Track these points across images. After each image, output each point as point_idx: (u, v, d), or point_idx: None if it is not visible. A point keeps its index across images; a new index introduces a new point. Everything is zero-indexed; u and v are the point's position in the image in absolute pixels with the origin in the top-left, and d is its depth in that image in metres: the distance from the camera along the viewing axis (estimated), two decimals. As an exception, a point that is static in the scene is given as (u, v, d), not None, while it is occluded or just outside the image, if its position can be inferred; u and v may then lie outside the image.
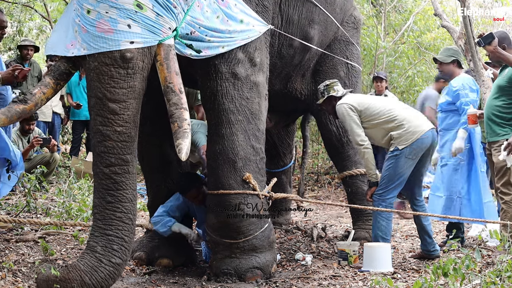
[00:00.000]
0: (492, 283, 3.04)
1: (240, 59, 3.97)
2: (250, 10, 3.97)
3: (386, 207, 4.38)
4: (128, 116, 3.18)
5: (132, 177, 3.23)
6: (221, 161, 3.96)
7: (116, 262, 3.14)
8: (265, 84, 4.21)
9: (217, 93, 3.95)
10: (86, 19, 3.18)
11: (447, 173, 4.88)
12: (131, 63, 3.17)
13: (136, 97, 3.22)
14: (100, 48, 3.14)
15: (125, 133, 3.17)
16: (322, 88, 4.66)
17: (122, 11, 3.15)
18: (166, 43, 3.34)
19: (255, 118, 4.05)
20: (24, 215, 5.18)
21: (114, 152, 3.16)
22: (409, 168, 4.37)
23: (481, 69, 5.57)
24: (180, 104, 3.23)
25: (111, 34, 3.14)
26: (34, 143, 6.32)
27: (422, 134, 4.34)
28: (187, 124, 3.19)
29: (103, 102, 3.15)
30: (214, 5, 3.75)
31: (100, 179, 3.19)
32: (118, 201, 3.17)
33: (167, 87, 3.26)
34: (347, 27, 5.32)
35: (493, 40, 4.08)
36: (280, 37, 4.51)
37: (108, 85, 3.14)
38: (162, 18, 3.29)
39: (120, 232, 3.16)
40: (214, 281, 3.98)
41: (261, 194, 4.04)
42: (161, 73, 3.31)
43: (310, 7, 4.70)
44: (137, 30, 3.20)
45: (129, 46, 3.16)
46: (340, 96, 4.60)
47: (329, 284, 3.87)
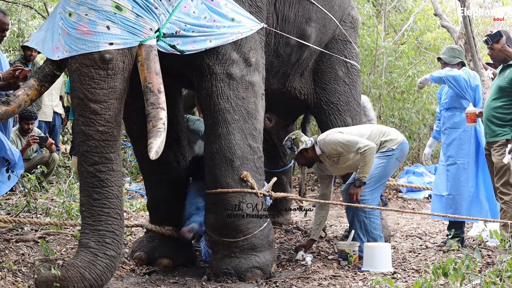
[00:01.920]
0: (492, 283, 3.04)
1: (235, 59, 3.98)
2: (242, 9, 3.97)
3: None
4: (109, 116, 3.23)
5: (117, 174, 3.30)
6: (218, 160, 3.97)
7: (111, 254, 3.21)
8: (261, 84, 4.21)
9: (212, 94, 3.96)
10: (68, 21, 3.22)
11: (456, 172, 4.86)
12: (110, 64, 3.21)
13: (118, 97, 3.27)
14: (80, 50, 3.19)
15: (107, 133, 3.23)
16: (289, 144, 4.59)
17: (101, 13, 3.19)
18: (148, 44, 3.36)
19: (251, 117, 4.06)
20: (24, 215, 5.18)
21: (97, 151, 3.23)
22: (393, 170, 4.54)
23: (481, 69, 5.57)
24: (157, 103, 3.25)
25: (91, 36, 3.19)
26: (30, 142, 6.32)
27: (403, 140, 4.61)
28: (162, 123, 3.20)
29: (84, 102, 3.21)
30: (201, 6, 3.75)
31: (86, 177, 3.26)
32: (105, 198, 3.24)
33: (146, 87, 3.29)
34: (345, 26, 5.31)
35: (501, 38, 4.09)
36: (276, 35, 4.50)
37: (89, 86, 3.20)
38: (143, 19, 3.31)
39: (110, 226, 3.23)
40: (214, 281, 3.98)
41: (260, 193, 4.05)
42: (142, 74, 3.34)
43: (306, 5, 4.68)
44: (117, 31, 3.23)
45: (108, 47, 3.20)
46: (312, 146, 4.57)
47: (329, 284, 3.87)
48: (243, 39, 4.01)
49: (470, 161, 4.84)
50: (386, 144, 4.54)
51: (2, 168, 4.13)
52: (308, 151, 4.57)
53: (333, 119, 5.15)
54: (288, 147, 4.62)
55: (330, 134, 4.57)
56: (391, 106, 9.64)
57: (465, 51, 6.94)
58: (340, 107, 5.21)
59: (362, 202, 4.43)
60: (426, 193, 8.09)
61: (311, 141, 4.58)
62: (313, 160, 4.65)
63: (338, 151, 4.50)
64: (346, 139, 4.45)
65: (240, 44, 4.00)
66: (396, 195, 8.10)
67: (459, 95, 4.85)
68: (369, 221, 4.48)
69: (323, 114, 5.21)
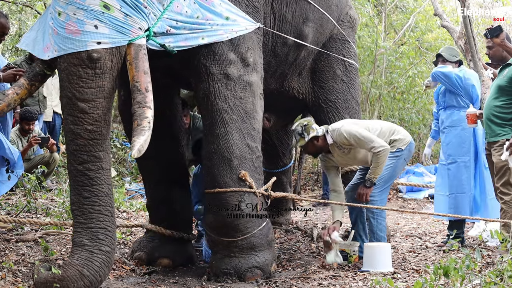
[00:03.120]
0: (493, 283, 3.04)
1: (232, 60, 3.98)
2: (237, 9, 3.96)
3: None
4: (98, 115, 3.24)
5: (106, 172, 3.31)
6: (217, 160, 3.97)
7: (106, 250, 3.23)
8: (259, 84, 4.21)
9: (209, 94, 3.96)
10: (57, 21, 3.24)
11: (457, 171, 4.86)
12: (98, 63, 3.22)
13: (106, 96, 3.28)
14: (69, 49, 3.20)
15: (95, 131, 3.24)
16: (300, 130, 4.43)
17: (89, 12, 3.20)
18: (136, 43, 3.36)
19: (249, 117, 4.05)
20: (24, 215, 5.18)
21: (86, 149, 3.24)
22: (401, 171, 4.51)
23: (481, 69, 5.56)
24: (143, 102, 3.25)
25: (78, 35, 3.20)
26: (32, 142, 6.32)
27: (411, 140, 4.59)
28: (147, 122, 3.20)
29: (72, 101, 3.22)
30: (194, 5, 3.75)
31: (75, 176, 3.27)
32: (95, 196, 3.25)
33: (134, 86, 3.29)
34: (343, 25, 5.31)
35: (501, 33, 4.08)
36: (274, 35, 4.50)
37: (77, 85, 3.21)
38: (131, 19, 3.32)
39: (102, 223, 3.25)
40: (214, 281, 3.98)
41: (258, 192, 4.05)
42: (130, 72, 3.34)
43: (303, 5, 4.67)
44: (105, 30, 3.23)
45: (96, 46, 3.21)
46: (323, 135, 4.47)
47: (329, 284, 3.87)
48: (240, 39, 4.01)
49: (471, 159, 4.85)
50: (395, 143, 4.49)
51: (2, 168, 4.12)
52: (319, 140, 4.45)
53: (331, 116, 5.15)
54: (298, 132, 4.44)
55: (345, 125, 4.44)
56: (391, 106, 9.65)
57: (465, 51, 6.93)
58: (338, 105, 5.20)
59: (371, 203, 4.39)
60: (426, 193, 8.10)
61: (323, 129, 4.47)
62: (322, 149, 4.51)
63: (350, 143, 4.39)
64: (362, 135, 4.33)
65: (238, 44, 4.00)
66: (396, 195, 8.09)
67: (454, 93, 4.87)
68: (376, 222, 4.44)
69: (321, 112, 5.21)
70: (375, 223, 4.44)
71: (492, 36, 4.11)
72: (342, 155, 4.52)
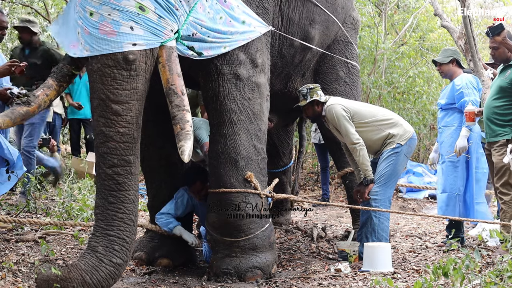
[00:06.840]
0: (493, 283, 3.04)
1: (242, 60, 3.99)
2: (251, 11, 3.98)
3: (387, 206, 4.42)
4: (131, 117, 3.19)
5: (134, 178, 3.24)
6: (223, 160, 3.97)
7: (117, 262, 3.14)
8: (266, 85, 4.23)
9: (219, 94, 3.96)
10: (89, 21, 3.18)
11: (447, 170, 4.86)
12: (133, 65, 3.18)
13: (139, 98, 3.23)
14: (103, 50, 3.15)
15: (128, 134, 3.19)
16: (305, 91, 4.65)
17: (125, 13, 3.16)
18: (168, 45, 3.35)
19: (257, 118, 4.06)
20: (24, 215, 5.18)
21: (117, 153, 3.17)
22: (403, 167, 4.48)
23: (481, 69, 5.56)
24: (182, 106, 3.23)
25: (114, 36, 3.15)
26: None
27: (412, 134, 4.57)
28: (189, 126, 3.20)
29: (106, 103, 3.16)
30: (216, 6, 3.77)
31: (103, 179, 3.20)
32: (120, 202, 3.18)
33: (169, 89, 3.27)
34: (346, 27, 5.35)
35: (502, 31, 4.08)
36: (281, 37, 4.52)
37: (111, 86, 3.15)
38: (164, 20, 3.30)
39: (122, 233, 3.17)
40: (214, 281, 3.98)
41: (263, 194, 4.06)
42: (163, 75, 3.31)
43: (310, 7, 4.70)
44: (140, 32, 3.20)
45: (132, 48, 3.17)
46: (323, 102, 4.62)
47: (329, 284, 3.87)
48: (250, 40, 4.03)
49: (461, 160, 4.78)
50: (393, 139, 4.49)
51: (2, 169, 4.12)
52: (319, 105, 4.64)
53: None
54: (302, 93, 4.67)
55: (334, 103, 4.57)
56: (391, 107, 9.64)
57: (465, 51, 6.94)
58: None
59: (374, 201, 4.40)
60: (426, 193, 8.10)
61: (326, 98, 4.65)
62: (319, 116, 4.71)
63: (333, 124, 4.57)
64: (341, 123, 4.46)
65: (247, 45, 4.01)
66: (396, 195, 8.10)
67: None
68: (378, 220, 4.43)
69: None
70: (378, 222, 4.43)
71: (493, 34, 4.10)
72: (331, 128, 4.67)
